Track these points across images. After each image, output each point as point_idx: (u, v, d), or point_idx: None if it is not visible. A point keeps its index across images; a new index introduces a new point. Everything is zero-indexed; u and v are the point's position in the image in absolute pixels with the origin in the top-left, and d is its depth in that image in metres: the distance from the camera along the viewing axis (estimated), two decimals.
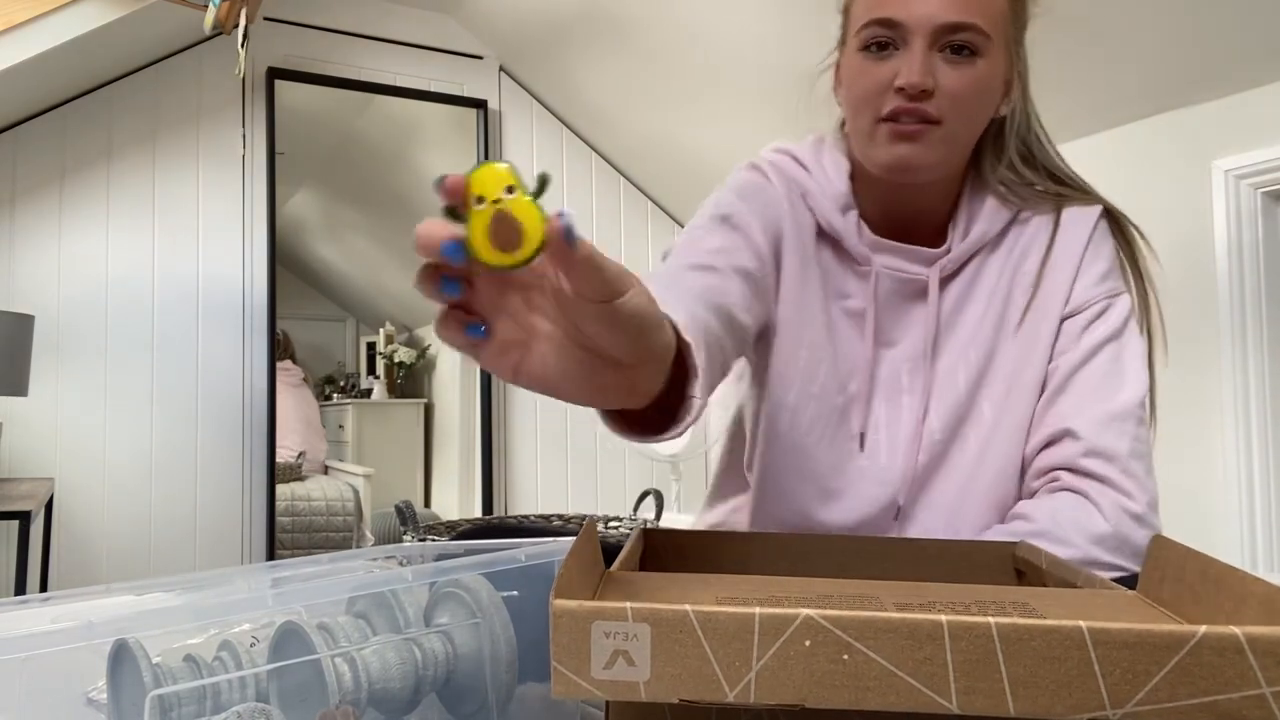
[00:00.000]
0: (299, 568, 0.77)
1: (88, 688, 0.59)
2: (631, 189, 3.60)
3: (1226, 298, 2.04)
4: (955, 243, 0.93)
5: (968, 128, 0.87)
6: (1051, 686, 0.36)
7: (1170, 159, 2.12)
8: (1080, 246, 0.92)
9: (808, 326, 0.92)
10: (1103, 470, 0.85)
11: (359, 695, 0.58)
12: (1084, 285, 0.91)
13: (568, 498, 3.44)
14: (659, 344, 0.48)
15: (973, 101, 0.85)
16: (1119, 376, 0.88)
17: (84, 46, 2.45)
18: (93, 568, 2.77)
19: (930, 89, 0.83)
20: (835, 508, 0.93)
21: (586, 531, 0.48)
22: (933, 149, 0.85)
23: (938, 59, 0.84)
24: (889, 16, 0.84)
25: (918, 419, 0.92)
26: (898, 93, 0.84)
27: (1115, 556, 0.83)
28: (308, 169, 3.38)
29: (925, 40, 0.83)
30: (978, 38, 0.83)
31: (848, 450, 0.93)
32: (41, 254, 2.76)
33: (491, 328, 0.44)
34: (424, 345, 3.67)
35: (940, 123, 0.85)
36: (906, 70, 0.83)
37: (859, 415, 0.93)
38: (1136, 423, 0.87)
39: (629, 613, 0.36)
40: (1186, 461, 2.11)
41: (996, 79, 0.87)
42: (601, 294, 0.41)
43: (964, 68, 0.84)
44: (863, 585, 0.53)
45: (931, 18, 0.83)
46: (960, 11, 0.83)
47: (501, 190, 0.39)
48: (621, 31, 2.85)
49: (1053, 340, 0.91)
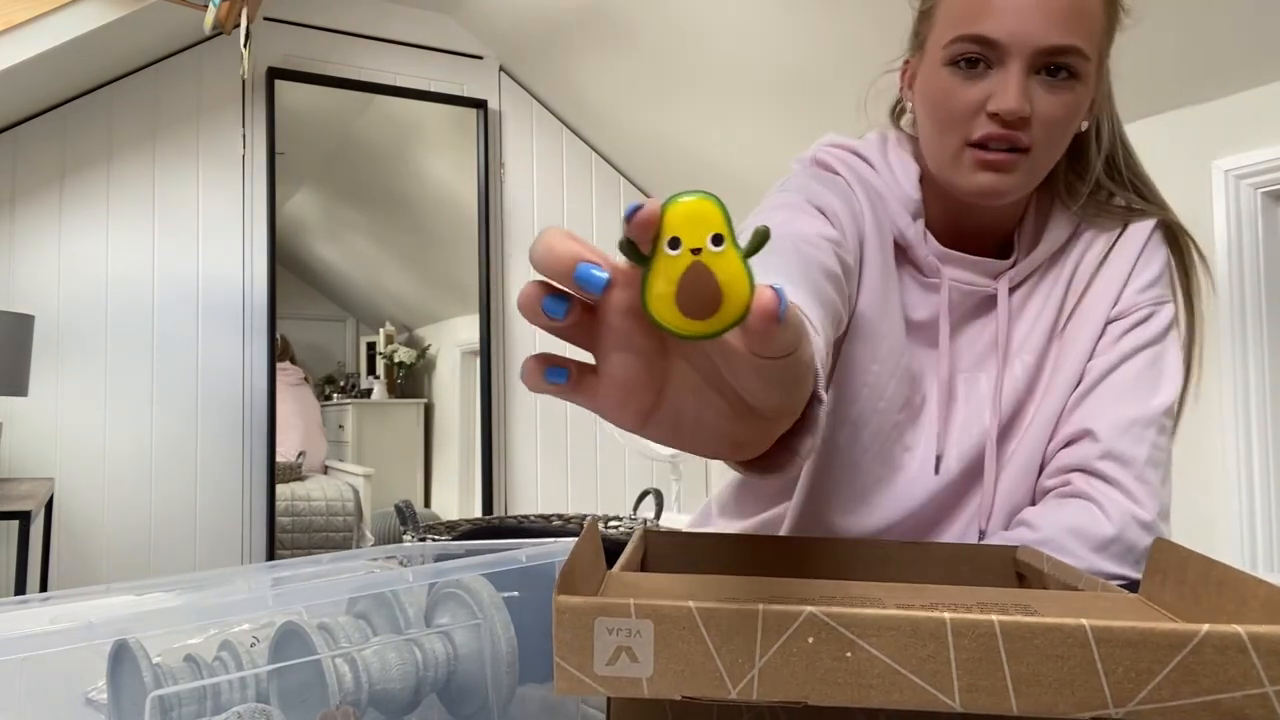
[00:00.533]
0: (299, 568, 0.77)
1: (88, 688, 0.58)
2: (632, 189, 3.60)
3: (1226, 298, 2.04)
4: (1021, 256, 0.90)
5: (1054, 154, 0.83)
6: (1054, 685, 0.36)
7: (1170, 159, 2.12)
8: (1135, 252, 0.89)
9: (884, 340, 0.87)
10: (1116, 474, 0.84)
11: (359, 696, 0.58)
12: (1132, 290, 0.89)
13: (568, 498, 3.44)
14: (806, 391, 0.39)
15: (1066, 128, 0.80)
16: (1151, 383, 0.86)
17: (84, 46, 2.45)
18: (93, 568, 2.77)
19: (1027, 115, 0.78)
20: (878, 517, 0.90)
21: (589, 531, 0.48)
22: (1020, 179, 0.81)
23: (1034, 82, 0.78)
24: (985, 34, 0.78)
25: (981, 431, 0.89)
26: (990, 118, 0.78)
27: (1120, 565, 0.82)
28: (308, 169, 3.38)
29: (1024, 63, 0.77)
30: (1079, 61, 0.78)
31: (900, 464, 0.89)
32: (41, 254, 2.76)
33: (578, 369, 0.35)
34: (424, 345, 3.67)
35: (1030, 150, 0.80)
36: (1001, 95, 0.77)
37: (922, 431, 0.89)
38: (1158, 431, 0.85)
39: (632, 609, 0.36)
40: (1186, 461, 2.11)
41: (1086, 99, 0.81)
42: (782, 351, 0.32)
43: (1062, 93, 0.78)
44: (865, 587, 0.53)
45: (1033, 39, 0.76)
46: (1063, 33, 0.76)
47: (707, 238, 0.31)
48: (621, 31, 2.85)
49: (1095, 341, 0.88)
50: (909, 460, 0.89)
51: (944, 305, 0.88)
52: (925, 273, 0.89)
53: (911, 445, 0.89)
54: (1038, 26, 0.76)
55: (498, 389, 3.34)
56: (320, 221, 3.62)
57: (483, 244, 3.32)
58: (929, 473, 0.88)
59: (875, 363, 0.87)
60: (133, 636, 0.53)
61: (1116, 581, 0.82)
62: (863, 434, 0.88)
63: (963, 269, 0.88)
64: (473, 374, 3.36)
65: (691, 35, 2.71)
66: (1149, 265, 0.90)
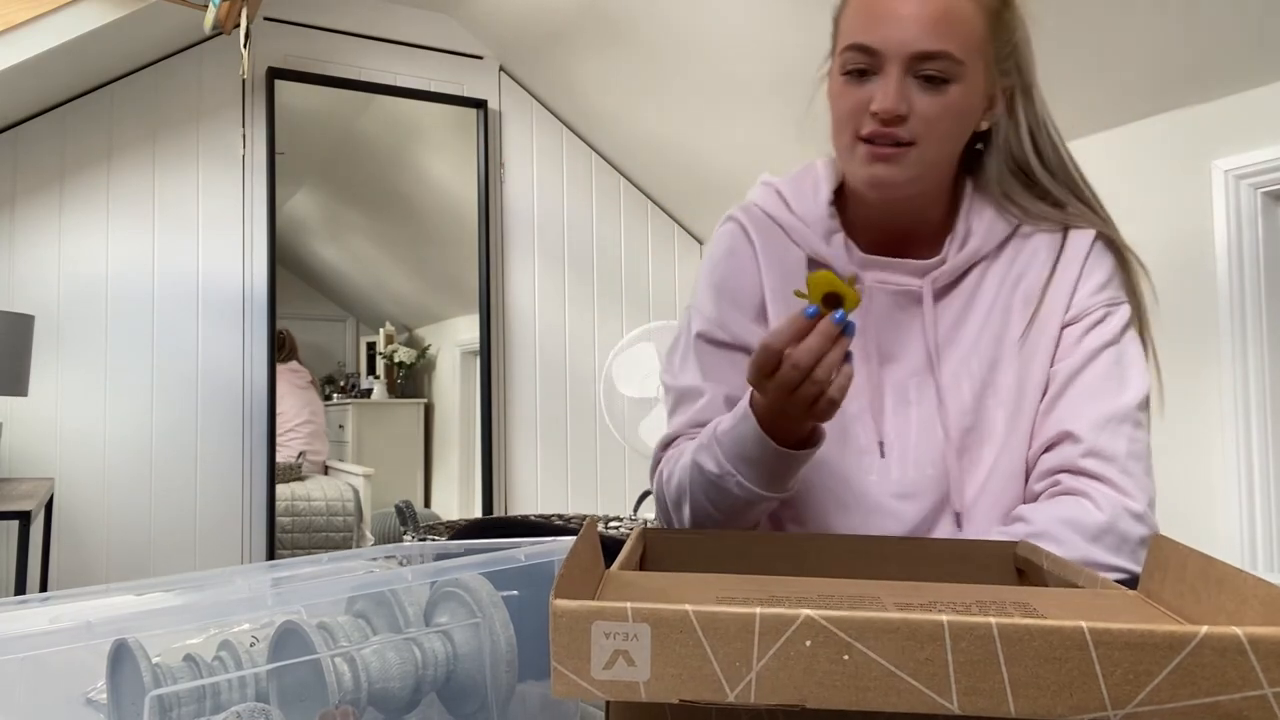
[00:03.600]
0: (299, 568, 0.77)
1: (87, 688, 0.58)
2: (631, 189, 3.60)
3: (1226, 298, 2.04)
4: (951, 254, 0.95)
5: (941, 148, 0.91)
6: (1052, 687, 0.36)
7: (1170, 159, 2.12)
8: (1080, 258, 0.94)
9: None
10: (1101, 470, 0.87)
11: (359, 695, 0.58)
12: (1083, 294, 0.93)
13: (568, 498, 3.44)
14: None
15: (946, 124, 0.89)
16: (1118, 380, 0.90)
17: (84, 46, 2.45)
18: (93, 568, 2.77)
19: (904, 114, 0.87)
20: (855, 522, 0.94)
21: (586, 531, 0.48)
22: (906, 169, 0.90)
23: (912, 84, 0.87)
24: (866, 44, 0.88)
25: (928, 430, 0.93)
26: (873, 116, 0.88)
27: (1114, 556, 0.84)
28: (308, 169, 3.38)
29: (900, 67, 0.87)
30: (951, 65, 0.86)
31: (862, 466, 0.94)
32: (41, 254, 2.76)
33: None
34: (424, 345, 3.67)
35: (914, 144, 0.88)
36: (881, 96, 0.87)
37: (867, 430, 0.95)
38: (1134, 425, 0.89)
39: (629, 613, 0.36)
40: (1186, 461, 2.11)
41: (973, 99, 0.90)
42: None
43: (937, 93, 0.87)
44: (863, 585, 0.53)
45: (907, 45, 0.86)
46: (934, 40, 0.86)
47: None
48: (621, 32, 2.85)
49: (1053, 349, 0.93)
50: (867, 460, 0.94)
51: (864, 309, 0.95)
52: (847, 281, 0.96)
53: (868, 444, 0.95)
54: (910, 35, 0.86)
55: (498, 389, 3.34)
56: (320, 221, 3.62)
57: (483, 244, 3.32)
58: (888, 471, 0.94)
59: None
60: (132, 636, 0.53)
61: (1113, 574, 0.83)
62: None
63: (886, 271, 0.96)
64: (473, 374, 3.36)
65: (691, 36, 2.71)
66: (1096, 270, 0.94)
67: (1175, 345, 2.14)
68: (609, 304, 3.54)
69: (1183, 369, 2.12)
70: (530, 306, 3.42)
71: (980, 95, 0.91)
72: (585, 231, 3.53)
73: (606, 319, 3.53)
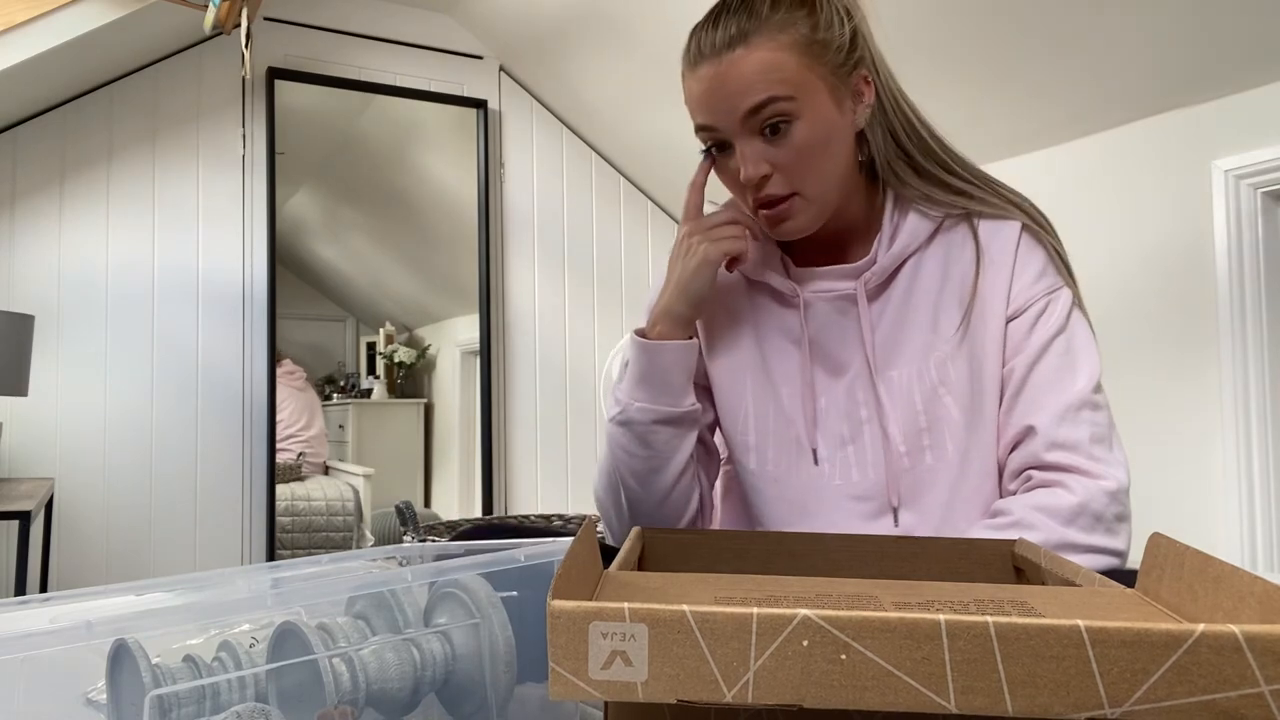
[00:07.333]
0: (299, 568, 0.77)
1: (87, 688, 0.59)
2: (631, 189, 3.60)
3: (1226, 298, 2.04)
4: (881, 253, 0.96)
5: (823, 181, 0.91)
6: (1050, 685, 0.36)
7: (1170, 159, 2.12)
8: (1010, 251, 0.94)
9: (745, 373, 0.99)
10: (1069, 460, 0.88)
11: (357, 695, 0.58)
12: (1021, 287, 0.93)
13: (568, 498, 3.44)
14: None
15: (810, 160, 0.88)
16: (1070, 369, 0.91)
17: (84, 46, 2.45)
18: (93, 568, 2.77)
19: (767, 173, 0.88)
20: (819, 525, 0.96)
21: (584, 532, 0.48)
22: (802, 216, 0.91)
23: (760, 142, 0.88)
24: (704, 122, 0.90)
25: (877, 432, 0.94)
26: (745, 187, 0.90)
27: (1089, 535, 0.85)
28: (308, 169, 3.38)
29: (740, 132, 0.88)
30: (783, 105, 0.86)
31: (817, 472, 0.96)
32: (41, 254, 2.76)
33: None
34: (424, 345, 3.67)
35: (795, 193, 0.89)
36: (741, 168, 0.88)
37: (814, 438, 0.96)
38: (1092, 408, 0.89)
39: (626, 613, 0.36)
40: (1186, 461, 2.11)
41: (826, 122, 0.88)
42: None
43: (785, 139, 0.87)
44: (860, 584, 0.53)
45: (733, 111, 0.86)
46: (753, 93, 0.85)
47: None
48: (621, 32, 2.85)
49: (1001, 341, 0.93)
50: (822, 467, 0.96)
51: (801, 320, 0.97)
52: (785, 295, 0.98)
53: (816, 451, 0.96)
54: (731, 100, 0.86)
55: (498, 389, 3.34)
56: (320, 221, 3.62)
57: (483, 244, 3.32)
58: (849, 474, 0.95)
59: (746, 396, 0.99)
60: (132, 636, 0.53)
61: (1092, 553, 0.85)
62: (767, 452, 0.98)
63: (820, 280, 0.97)
64: (473, 374, 3.36)
65: None
66: (1030, 262, 0.94)
67: (1175, 345, 2.14)
68: (609, 304, 3.54)
69: (1183, 369, 2.12)
70: (530, 306, 3.42)
71: (832, 110, 0.88)
72: (585, 231, 3.53)
73: (606, 319, 3.53)
